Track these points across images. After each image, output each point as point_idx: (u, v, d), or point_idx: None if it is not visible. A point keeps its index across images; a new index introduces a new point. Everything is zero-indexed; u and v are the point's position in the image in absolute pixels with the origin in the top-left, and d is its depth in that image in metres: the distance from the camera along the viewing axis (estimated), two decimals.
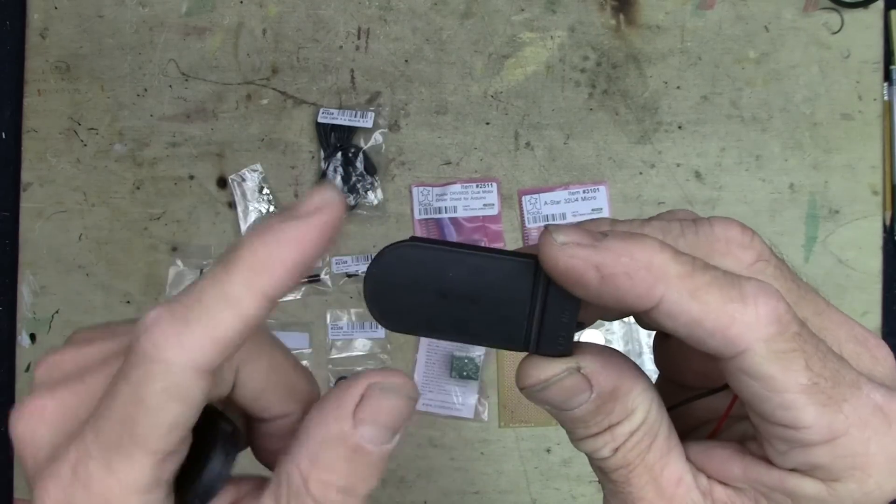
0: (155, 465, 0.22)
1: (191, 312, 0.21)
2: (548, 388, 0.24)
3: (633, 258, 0.21)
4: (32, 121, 0.70)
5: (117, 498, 0.22)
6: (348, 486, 0.23)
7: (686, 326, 0.22)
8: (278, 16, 0.70)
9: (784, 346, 0.21)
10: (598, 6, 0.69)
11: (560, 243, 0.22)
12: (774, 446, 0.23)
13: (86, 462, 0.22)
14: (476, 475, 0.68)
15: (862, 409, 0.22)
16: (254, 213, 0.69)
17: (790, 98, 0.68)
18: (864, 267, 0.67)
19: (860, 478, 0.22)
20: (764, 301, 0.21)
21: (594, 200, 0.68)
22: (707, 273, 0.22)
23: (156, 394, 0.21)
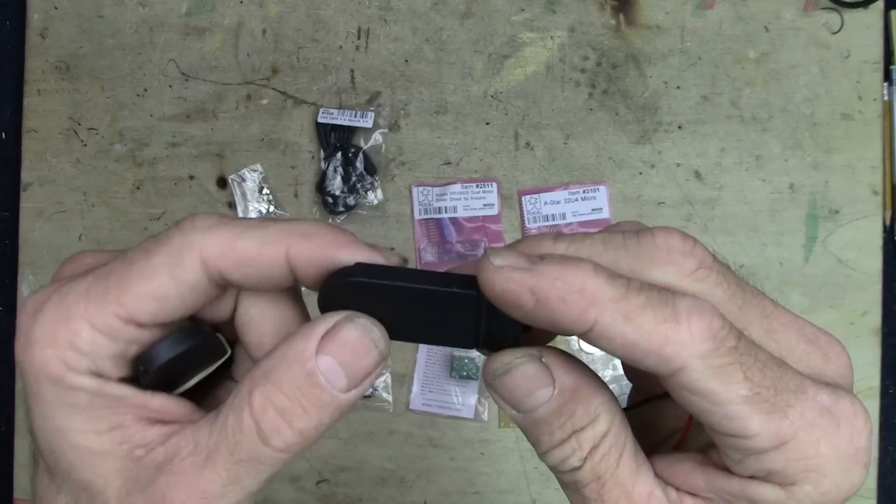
0: (118, 317, 0.23)
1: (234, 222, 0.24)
2: (509, 373, 0.24)
3: (567, 282, 0.22)
4: (32, 121, 0.70)
5: (72, 322, 0.23)
6: (288, 409, 0.23)
7: (621, 348, 0.22)
8: (278, 16, 0.70)
9: (720, 360, 0.22)
10: (598, 6, 0.69)
11: (496, 266, 0.22)
12: (729, 455, 0.23)
13: (73, 282, 0.24)
14: (476, 475, 0.68)
15: (808, 412, 0.22)
16: (254, 213, 0.69)
17: (790, 98, 0.68)
18: (864, 267, 0.67)
19: (815, 479, 0.22)
20: (697, 318, 0.22)
21: (594, 200, 0.68)
22: (641, 294, 0.22)
23: (161, 255, 0.24)
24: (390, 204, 0.69)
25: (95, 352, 0.23)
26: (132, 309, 0.23)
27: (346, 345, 0.24)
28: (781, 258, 0.67)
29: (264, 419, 0.23)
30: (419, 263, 0.69)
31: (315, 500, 0.68)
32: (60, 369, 0.23)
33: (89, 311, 0.23)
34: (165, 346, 0.25)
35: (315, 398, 0.23)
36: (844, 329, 0.66)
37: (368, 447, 0.68)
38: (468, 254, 0.68)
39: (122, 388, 0.24)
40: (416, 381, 0.68)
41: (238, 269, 0.24)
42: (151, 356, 0.24)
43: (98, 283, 0.23)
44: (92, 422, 0.24)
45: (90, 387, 0.23)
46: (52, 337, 0.23)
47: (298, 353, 0.23)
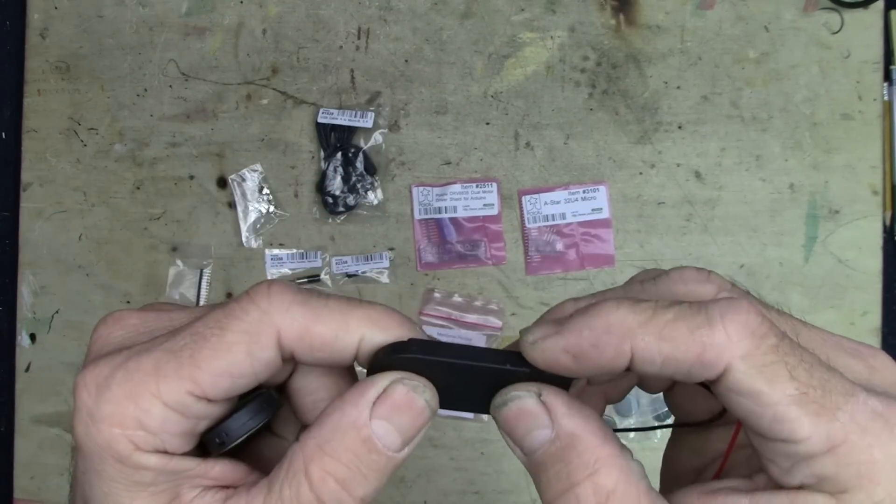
0: (191, 394, 0.23)
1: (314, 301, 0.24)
2: (506, 405, 0.24)
3: (592, 328, 0.22)
4: (32, 121, 0.70)
5: (143, 401, 0.23)
6: (348, 479, 0.23)
7: (664, 367, 0.22)
8: (278, 16, 0.70)
9: (763, 359, 0.21)
10: (598, 6, 0.69)
11: (531, 343, 0.23)
12: (778, 464, 0.22)
13: (140, 356, 0.23)
14: (476, 475, 0.68)
15: (859, 416, 0.22)
16: (254, 213, 0.69)
17: (790, 98, 0.68)
18: (864, 267, 0.67)
19: (868, 487, 0.22)
20: (732, 317, 0.22)
21: (594, 200, 0.68)
22: (670, 310, 0.22)
23: (236, 331, 0.23)
24: (390, 204, 0.69)
25: (165, 430, 0.23)
26: (206, 387, 0.23)
27: (399, 406, 0.24)
28: (781, 258, 0.67)
29: (325, 491, 0.23)
30: (419, 263, 0.69)
31: None
32: (128, 449, 0.23)
33: (160, 389, 0.23)
34: (242, 420, 0.24)
35: (373, 463, 0.23)
36: (844, 329, 0.66)
37: None
38: (468, 254, 0.68)
39: (186, 462, 0.24)
40: None
41: (311, 352, 0.24)
42: (228, 431, 0.24)
43: (169, 358, 0.23)
44: (154, 497, 0.23)
45: (156, 465, 0.23)
46: (121, 416, 0.22)
47: (352, 421, 0.23)
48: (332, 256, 0.69)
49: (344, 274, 0.69)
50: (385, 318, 0.25)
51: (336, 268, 0.69)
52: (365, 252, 0.69)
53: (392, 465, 0.24)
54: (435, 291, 0.69)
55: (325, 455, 0.23)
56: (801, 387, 0.21)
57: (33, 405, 0.70)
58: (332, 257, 0.69)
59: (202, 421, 0.24)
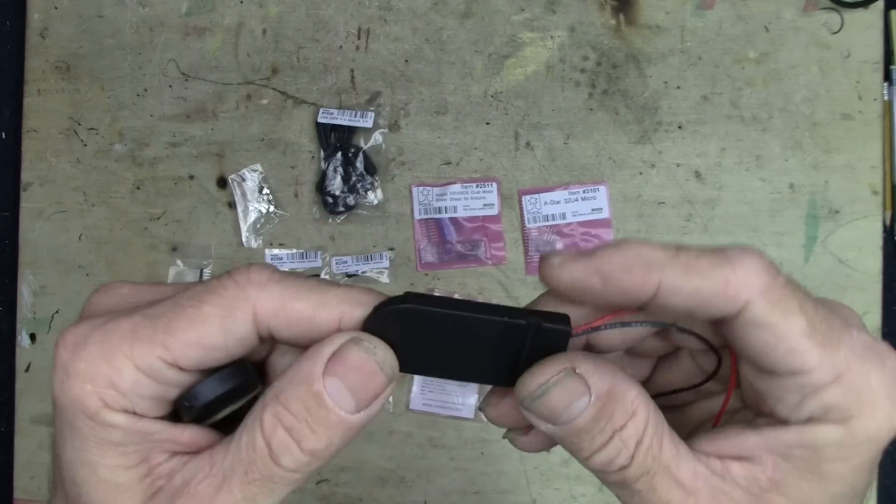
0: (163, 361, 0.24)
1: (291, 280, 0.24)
2: (548, 392, 0.24)
3: (625, 256, 0.24)
4: (32, 121, 0.70)
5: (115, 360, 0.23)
6: (295, 429, 0.23)
7: (689, 298, 0.24)
8: (278, 16, 0.70)
9: (778, 293, 0.23)
10: (598, 6, 0.69)
11: (557, 264, 0.24)
12: (787, 401, 0.24)
13: (119, 319, 0.24)
14: (476, 475, 0.68)
15: (856, 346, 0.24)
16: (254, 213, 0.69)
17: (790, 98, 0.68)
18: (864, 267, 0.67)
19: (870, 413, 0.23)
20: (749, 259, 0.23)
21: (594, 200, 0.68)
22: (690, 250, 0.24)
23: (213, 305, 0.24)
24: (390, 204, 0.69)
25: (135, 391, 0.24)
26: (178, 354, 0.23)
27: (351, 367, 0.24)
28: (781, 258, 0.67)
29: (274, 439, 0.23)
30: (419, 263, 0.69)
31: (315, 500, 0.68)
32: (97, 405, 0.23)
33: (134, 352, 0.23)
34: (211, 385, 0.25)
35: (322, 419, 0.23)
36: None
37: (368, 447, 0.68)
38: (468, 254, 0.68)
39: (155, 425, 0.24)
40: (417, 381, 0.68)
41: (288, 329, 0.24)
42: (197, 394, 0.25)
43: (145, 324, 0.24)
44: (123, 457, 0.24)
45: (124, 424, 0.24)
46: (94, 373, 0.23)
47: (306, 374, 0.24)
48: (332, 256, 0.69)
49: (344, 274, 0.69)
50: (364, 295, 0.25)
51: (336, 268, 0.69)
52: (365, 252, 0.69)
53: (344, 427, 0.24)
54: (435, 291, 0.69)
55: (278, 403, 0.24)
56: (809, 320, 0.23)
57: (33, 405, 0.70)
58: (332, 257, 0.69)
59: (173, 388, 0.24)
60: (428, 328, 0.25)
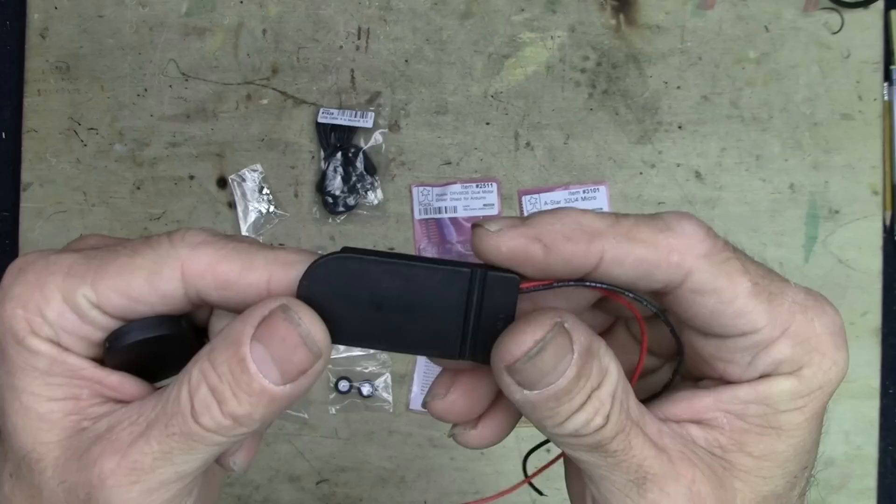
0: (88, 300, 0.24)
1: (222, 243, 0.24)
2: (545, 350, 0.23)
3: (564, 222, 0.23)
4: (32, 121, 0.70)
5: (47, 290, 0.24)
6: (219, 389, 0.23)
7: (633, 267, 0.23)
8: (278, 16, 0.70)
9: (721, 256, 0.23)
10: (598, 6, 0.69)
11: (495, 230, 0.23)
12: (737, 362, 0.24)
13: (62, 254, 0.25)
14: (476, 475, 0.68)
15: (798, 296, 0.24)
16: (254, 213, 0.69)
17: (790, 98, 0.68)
18: (864, 267, 0.67)
19: (818, 360, 0.24)
20: (687, 222, 0.23)
21: (594, 200, 0.68)
22: (629, 218, 0.24)
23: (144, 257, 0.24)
24: (390, 204, 0.69)
25: (60, 324, 0.24)
26: (101, 297, 0.24)
27: (275, 336, 0.23)
28: (781, 258, 0.67)
29: (197, 395, 0.23)
30: None
31: (315, 500, 0.68)
32: (24, 330, 0.24)
33: (64, 285, 0.24)
34: (134, 329, 0.25)
35: (245, 384, 0.23)
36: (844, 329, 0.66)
37: (368, 447, 0.68)
38: (468, 254, 0.68)
39: (80, 361, 0.25)
40: (416, 381, 0.68)
41: (216, 291, 0.24)
42: (118, 334, 0.25)
43: (81, 263, 0.24)
44: (48, 388, 0.24)
45: (48, 353, 0.24)
46: (26, 298, 0.24)
47: (235, 336, 0.23)
48: None
49: None
50: (293, 255, 0.25)
51: None
52: None
53: (267, 396, 0.23)
54: None
55: (206, 360, 0.23)
56: (752, 278, 0.23)
57: None
58: None
59: (98, 331, 0.25)
60: (364, 284, 0.24)
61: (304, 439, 0.68)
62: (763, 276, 0.24)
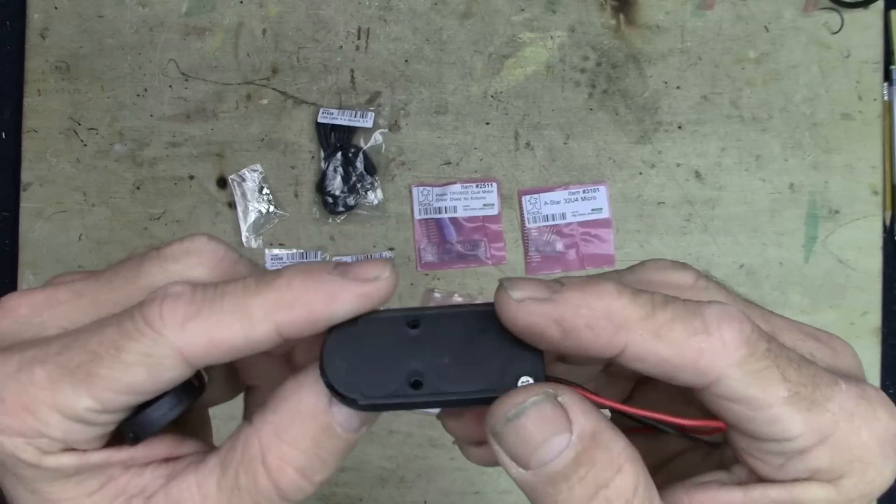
0: (91, 410, 0.22)
1: (207, 307, 0.22)
2: (524, 414, 0.21)
3: (592, 308, 0.21)
4: (32, 121, 0.70)
5: (40, 412, 0.22)
6: (307, 466, 0.22)
7: (655, 366, 0.21)
8: (278, 16, 0.70)
9: (757, 365, 0.21)
10: (598, 6, 0.69)
11: (517, 300, 0.22)
12: (770, 462, 0.22)
13: (33, 367, 0.22)
14: (476, 475, 0.68)
15: (847, 402, 0.22)
16: (254, 213, 0.69)
17: (790, 98, 0.68)
18: (864, 267, 0.67)
19: (861, 469, 0.22)
20: (728, 325, 0.21)
21: (594, 200, 0.68)
22: (667, 309, 0.21)
23: (134, 353, 0.22)
24: (390, 204, 0.69)
25: (69, 438, 0.22)
26: (106, 403, 0.22)
27: None
28: (781, 258, 0.67)
29: (283, 479, 0.22)
30: (419, 263, 0.69)
31: (315, 500, 0.68)
32: (36, 456, 0.22)
33: (58, 402, 0.22)
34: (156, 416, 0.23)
35: (333, 448, 0.23)
36: (844, 329, 0.66)
37: (368, 447, 0.68)
38: (468, 254, 0.68)
39: (103, 454, 0.23)
40: None
41: (226, 357, 0.22)
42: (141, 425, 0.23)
43: (62, 375, 0.22)
44: (80, 487, 0.23)
45: (69, 463, 0.22)
46: (20, 426, 0.22)
47: (311, 409, 0.22)
48: (332, 256, 0.69)
49: None
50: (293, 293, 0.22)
51: None
52: (365, 252, 0.69)
53: (350, 445, 0.23)
54: (435, 291, 0.68)
55: (282, 443, 0.22)
56: (792, 387, 0.21)
57: None
58: (333, 257, 0.69)
59: (109, 425, 0.23)
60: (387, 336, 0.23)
61: None
62: (806, 384, 0.22)
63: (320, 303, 0.22)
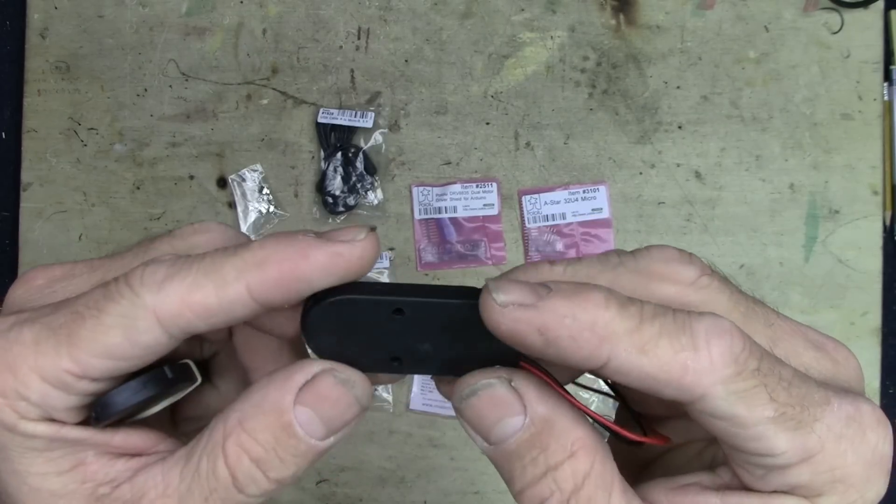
0: (69, 372, 0.22)
1: (185, 269, 0.22)
2: (476, 395, 0.23)
3: (577, 319, 0.21)
4: (32, 121, 0.70)
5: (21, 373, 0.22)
6: (263, 459, 0.22)
7: (638, 381, 0.21)
8: (278, 16, 0.70)
9: (743, 384, 0.21)
10: (598, 6, 0.69)
11: (501, 304, 0.21)
12: (751, 472, 0.22)
13: (22, 327, 0.23)
14: (476, 475, 0.68)
15: (835, 424, 0.22)
16: (254, 213, 0.69)
17: (790, 98, 0.68)
18: (864, 267, 0.67)
19: (842, 490, 0.22)
20: (717, 342, 0.21)
21: (594, 200, 0.68)
22: (655, 322, 0.21)
23: (113, 315, 0.22)
24: (390, 204, 0.69)
25: (48, 403, 0.23)
26: (84, 366, 0.22)
27: (325, 399, 0.23)
28: (781, 258, 0.67)
29: (239, 469, 0.22)
30: (419, 263, 0.69)
31: (315, 500, 0.68)
32: (12, 418, 0.22)
33: (38, 364, 0.22)
34: (121, 397, 0.23)
35: (292, 448, 0.22)
36: (844, 329, 0.66)
37: (368, 447, 0.68)
38: (468, 254, 0.68)
39: (77, 430, 0.23)
40: (416, 381, 0.68)
41: (201, 322, 0.22)
42: (105, 405, 0.23)
43: (48, 335, 0.22)
44: (52, 463, 0.23)
45: (45, 432, 0.23)
46: (2, 386, 0.22)
47: (274, 404, 0.22)
48: None
49: None
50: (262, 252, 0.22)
51: None
52: None
53: (313, 453, 0.23)
54: None
55: (243, 432, 0.22)
56: (779, 407, 0.21)
57: None
58: None
59: (88, 396, 0.23)
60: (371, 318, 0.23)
61: None
62: (795, 404, 0.21)
63: (291, 262, 0.22)
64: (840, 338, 0.25)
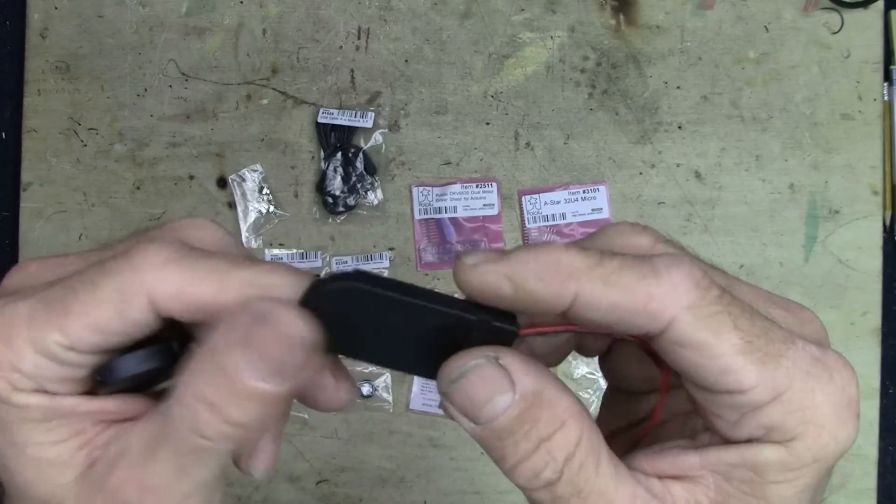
0: (60, 345, 0.23)
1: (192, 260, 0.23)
2: (465, 377, 0.23)
3: (540, 261, 0.22)
4: (32, 121, 0.70)
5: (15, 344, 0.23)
6: (217, 403, 0.22)
7: (607, 313, 0.22)
8: (278, 16, 0.70)
9: (708, 309, 0.22)
10: (598, 6, 0.69)
11: (470, 264, 0.22)
12: (725, 417, 0.23)
13: (17, 301, 0.23)
14: (476, 475, 0.68)
15: (801, 361, 0.22)
16: (254, 213, 0.69)
17: (790, 98, 0.68)
18: (864, 267, 0.67)
19: (814, 432, 0.22)
20: (677, 270, 0.22)
21: (594, 200, 0.68)
22: (615, 259, 0.22)
23: (107, 289, 0.23)
24: (390, 204, 0.69)
25: (40, 374, 0.23)
26: (74, 339, 0.23)
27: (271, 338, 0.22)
28: (781, 258, 0.67)
29: (196, 413, 0.22)
30: (419, 263, 0.69)
31: (315, 500, 0.68)
32: (7, 389, 0.23)
33: (31, 336, 0.23)
34: (127, 364, 0.24)
35: (240, 391, 0.22)
36: (844, 329, 0.66)
37: (368, 447, 0.68)
38: None
39: (73, 399, 0.24)
40: (416, 381, 0.68)
41: (189, 314, 0.23)
42: (110, 370, 0.24)
43: (41, 308, 0.23)
44: (50, 433, 0.24)
45: (39, 403, 0.23)
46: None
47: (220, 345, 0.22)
48: (332, 256, 0.69)
49: None
50: (276, 277, 0.23)
51: (336, 268, 0.69)
52: (365, 252, 0.69)
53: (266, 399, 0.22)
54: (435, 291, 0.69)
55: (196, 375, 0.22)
56: (745, 336, 0.22)
57: None
58: (332, 257, 0.69)
59: (79, 369, 0.24)
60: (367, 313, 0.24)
61: (305, 439, 0.68)
62: (760, 335, 0.22)
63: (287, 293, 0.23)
64: (840, 338, 0.25)
